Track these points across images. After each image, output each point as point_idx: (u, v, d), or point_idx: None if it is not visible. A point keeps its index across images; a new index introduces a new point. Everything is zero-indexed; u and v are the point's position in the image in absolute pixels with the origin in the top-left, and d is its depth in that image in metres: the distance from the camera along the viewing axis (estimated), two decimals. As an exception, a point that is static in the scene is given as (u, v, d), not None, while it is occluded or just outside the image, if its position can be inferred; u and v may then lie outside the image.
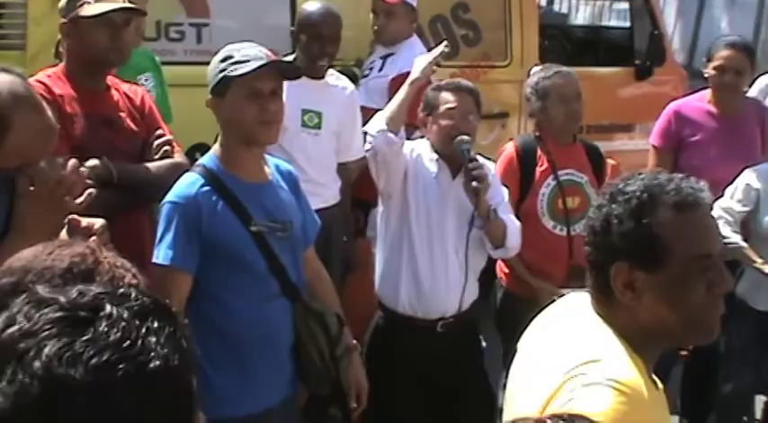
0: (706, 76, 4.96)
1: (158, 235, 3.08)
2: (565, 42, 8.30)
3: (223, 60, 3.08)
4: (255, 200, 3.12)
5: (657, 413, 1.95)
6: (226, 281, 3.09)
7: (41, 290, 1.21)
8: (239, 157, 3.12)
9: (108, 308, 1.16)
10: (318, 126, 4.66)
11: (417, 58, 4.15)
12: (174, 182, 3.14)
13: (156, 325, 1.16)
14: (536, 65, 5.65)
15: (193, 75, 4.93)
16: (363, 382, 3.43)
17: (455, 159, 3.91)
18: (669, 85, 6.94)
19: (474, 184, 3.79)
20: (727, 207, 4.50)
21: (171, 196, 3.08)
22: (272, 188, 3.20)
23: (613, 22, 13.11)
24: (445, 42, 4.26)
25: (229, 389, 3.04)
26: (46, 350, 1.10)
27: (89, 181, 3.27)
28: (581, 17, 14.69)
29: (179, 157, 3.58)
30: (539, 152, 4.41)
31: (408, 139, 4.20)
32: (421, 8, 5.59)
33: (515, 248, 4.05)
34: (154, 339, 1.15)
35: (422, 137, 4.11)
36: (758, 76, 5.99)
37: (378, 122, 3.89)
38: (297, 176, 3.35)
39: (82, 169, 3.24)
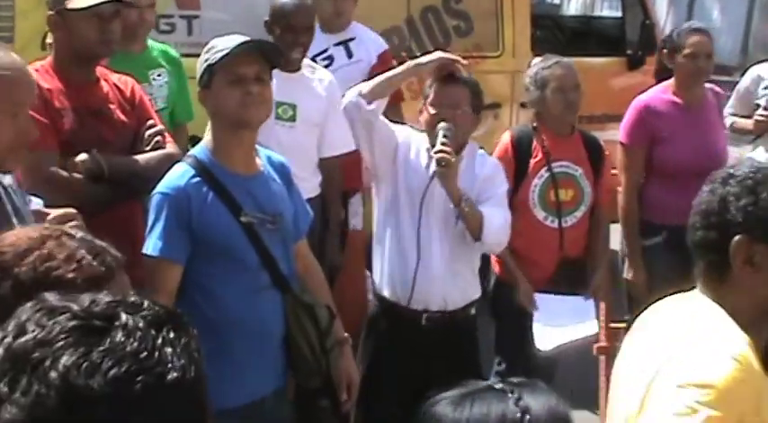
0: (671, 66, 4.90)
1: (149, 226, 3.08)
2: (557, 32, 8.31)
3: (207, 51, 3.09)
4: (246, 191, 3.12)
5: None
6: (216, 272, 3.09)
7: (51, 297, 1.18)
8: (230, 148, 3.12)
9: (123, 317, 1.13)
10: (293, 118, 4.61)
11: (438, 52, 4.10)
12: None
13: (171, 335, 1.14)
14: (535, 56, 5.65)
15: (185, 67, 4.94)
16: (354, 375, 3.43)
17: None
18: (661, 74, 6.94)
19: (434, 168, 3.75)
20: None
21: (161, 187, 3.08)
22: (262, 179, 3.19)
23: (605, 12, 13.12)
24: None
25: (220, 381, 3.01)
26: (63, 360, 1.07)
27: (79, 175, 3.28)
28: (573, 7, 14.70)
29: (171, 148, 3.57)
30: (534, 143, 4.40)
31: None
32: (413, -1, 5.58)
33: (495, 243, 3.97)
34: (170, 350, 1.12)
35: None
36: (750, 67, 5.98)
37: (357, 88, 3.86)
38: (289, 168, 3.34)
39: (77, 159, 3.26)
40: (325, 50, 5.17)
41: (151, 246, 3.05)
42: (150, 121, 3.58)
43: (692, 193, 4.91)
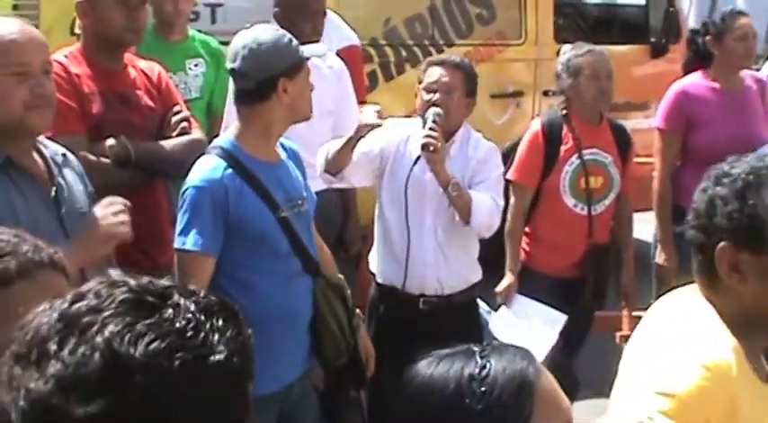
0: (715, 51, 4.86)
1: (183, 220, 3.05)
2: (579, 20, 8.25)
3: (291, 40, 3.13)
4: (275, 180, 3.14)
5: (754, 402, 1.93)
6: (250, 262, 3.10)
7: (114, 273, 1.22)
8: (260, 138, 3.14)
9: (176, 297, 1.17)
10: None
11: (365, 113, 3.88)
12: (194, 160, 3.14)
13: (221, 323, 1.17)
14: (560, 44, 5.63)
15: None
16: (371, 349, 3.50)
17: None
18: (685, 62, 6.91)
19: (421, 152, 3.77)
20: None
21: (195, 181, 3.05)
22: (285, 167, 3.23)
23: (629, 0, 13.03)
24: (379, 107, 3.93)
25: (255, 369, 3.06)
26: (110, 327, 1.11)
27: (107, 160, 3.33)
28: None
29: (197, 134, 3.60)
30: (564, 130, 4.40)
31: None
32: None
33: (484, 227, 3.93)
34: (217, 336, 1.16)
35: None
36: None
37: (319, 162, 3.87)
38: (298, 152, 3.37)
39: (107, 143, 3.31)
40: None
41: (190, 241, 3.02)
42: (176, 107, 3.61)
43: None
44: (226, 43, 3.63)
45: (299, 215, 3.18)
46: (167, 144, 3.48)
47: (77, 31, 4.02)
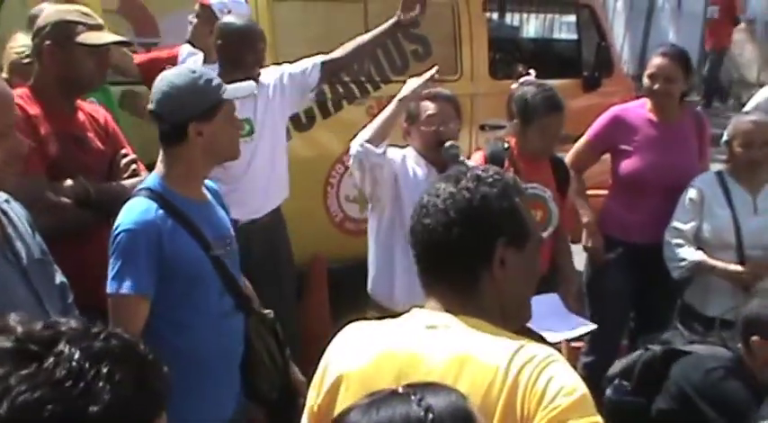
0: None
1: (116, 264, 2.99)
2: (515, 55, 8.38)
3: (208, 81, 3.08)
4: (205, 219, 3.14)
5: None
6: (184, 302, 3.08)
7: (12, 318, 1.19)
8: (188, 178, 3.13)
9: (62, 345, 1.14)
10: (251, 132, 4.67)
11: (410, 80, 4.20)
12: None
13: (106, 370, 1.13)
14: (495, 79, 5.67)
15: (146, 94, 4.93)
16: (301, 376, 3.46)
17: (441, 162, 4.03)
18: (617, 95, 7.01)
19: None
20: (676, 228, 4.64)
21: (127, 223, 3.01)
22: (212, 206, 3.24)
23: (562, 35, 13.25)
24: (436, 67, 4.25)
25: (189, 409, 3.03)
26: None
27: (67, 199, 3.32)
28: (530, 30, 14.83)
29: (145, 176, 3.60)
30: (506, 164, 4.46)
31: None
32: (370, 23, 5.62)
33: None
34: (101, 384, 1.12)
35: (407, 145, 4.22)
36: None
37: (362, 136, 4.01)
38: (217, 190, 3.36)
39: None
40: None
41: (125, 284, 2.97)
42: (124, 150, 3.65)
43: (652, 210, 5.03)
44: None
45: (229, 254, 3.19)
46: (124, 184, 3.50)
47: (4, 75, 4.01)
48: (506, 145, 4.51)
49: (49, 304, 2.58)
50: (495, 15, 9.33)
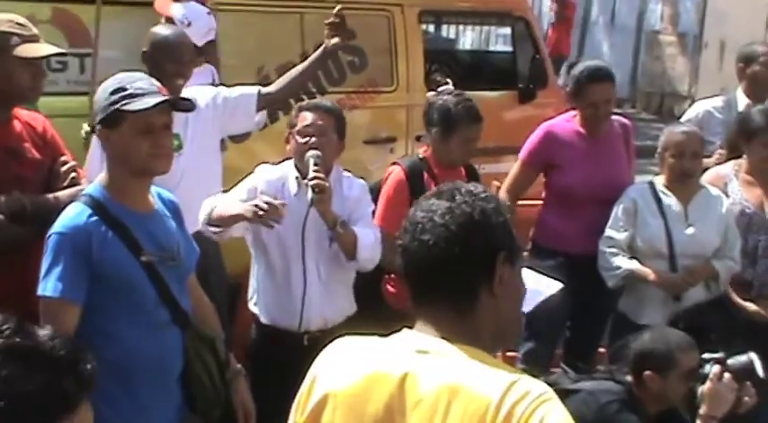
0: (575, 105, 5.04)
1: (45, 266, 3.00)
2: (450, 67, 8.43)
3: (114, 92, 3.02)
4: (144, 229, 3.10)
5: None
6: (116, 311, 3.05)
7: None
8: (127, 187, 3.10)
9: None
10: (180, 147, 4.62)
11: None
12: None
13: None
14: (429, 90, 5.68)
15: (76, 105, 4.89)
16: (250, 406, 3.43)
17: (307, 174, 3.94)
18: (551, 107, 7.08)
19: (310, 195, 3.85)
20: (609, 237, 4.70)
21: (58, 227, 3.02)
22: (158, 217, 3.19)
23: (498, 47, 13.38)
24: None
25: (121, 419, 3.00)
26: None
27: (1, 215, 3.25)
28: (466, 42, 14.94)
29: (85, 184, 3.54)
30: (426, 175, 4.48)
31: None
32: (306, 35, 5.62)
33: (369, 260, 4.09)
34: None
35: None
36: (694, 102, 6.11)
37: (203, 212, 3.99)
38: (178, 204, 3.34)
39: None
40: None
41: (50, 287, 2.97)
42: (63, 158, 3.58)
43: (587, 221, 5.06)
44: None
45: (171, 267, 3.14)
46: (60, 195, 3.43)
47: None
48: (421, 155, 4.53)
49: None
50: (431, 27, 9.40)
